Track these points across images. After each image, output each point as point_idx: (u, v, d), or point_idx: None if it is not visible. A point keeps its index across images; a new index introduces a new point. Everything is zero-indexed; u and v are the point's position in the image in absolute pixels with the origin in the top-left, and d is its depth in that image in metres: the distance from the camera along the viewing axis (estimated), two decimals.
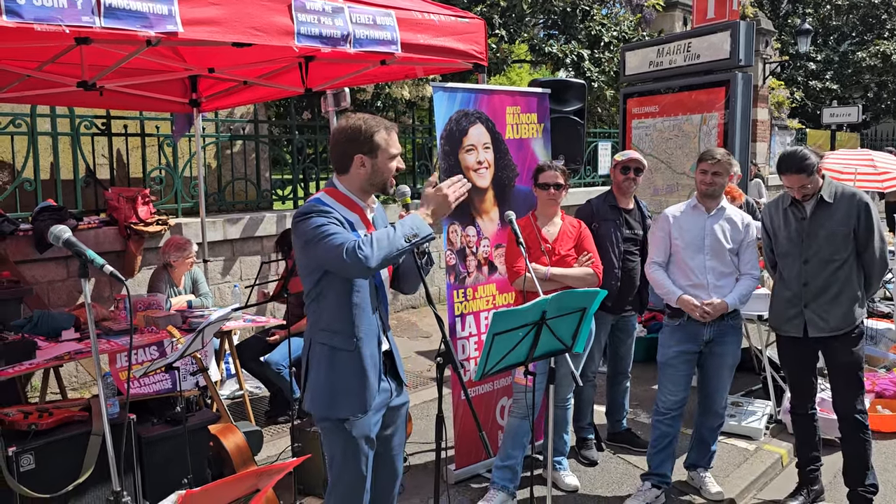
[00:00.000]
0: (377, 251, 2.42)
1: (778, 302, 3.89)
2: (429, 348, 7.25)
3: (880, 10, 25.09)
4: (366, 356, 2.64)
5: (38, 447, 3.17)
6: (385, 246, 2.43)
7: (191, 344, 3.44)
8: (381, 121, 2.70)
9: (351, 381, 2.63)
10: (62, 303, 5.83)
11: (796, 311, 3.78)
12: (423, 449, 4.73)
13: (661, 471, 4.06)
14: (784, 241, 3.82)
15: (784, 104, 17.29)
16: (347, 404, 2.63)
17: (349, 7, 3.69)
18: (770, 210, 3.94)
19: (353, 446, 2.65)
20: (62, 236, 2.48)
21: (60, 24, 2.73)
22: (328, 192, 2.71)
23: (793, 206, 3.79)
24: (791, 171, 3.62)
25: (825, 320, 3.72)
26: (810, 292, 3.71)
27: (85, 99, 5.35)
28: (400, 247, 2.45)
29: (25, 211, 6.00)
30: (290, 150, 8.62)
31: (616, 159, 4.53)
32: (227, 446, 3.90)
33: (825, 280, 3.69)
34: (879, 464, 4.47)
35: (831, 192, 3.70)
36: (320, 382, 2.66)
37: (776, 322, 3.94)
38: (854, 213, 3.65)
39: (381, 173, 2.67)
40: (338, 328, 2.63)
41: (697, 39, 6.38)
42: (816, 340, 3.80)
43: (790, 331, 3.84)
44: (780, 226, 3.84)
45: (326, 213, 2.55)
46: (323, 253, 2.49)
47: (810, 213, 3.72)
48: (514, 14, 11.38)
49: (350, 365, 2.63)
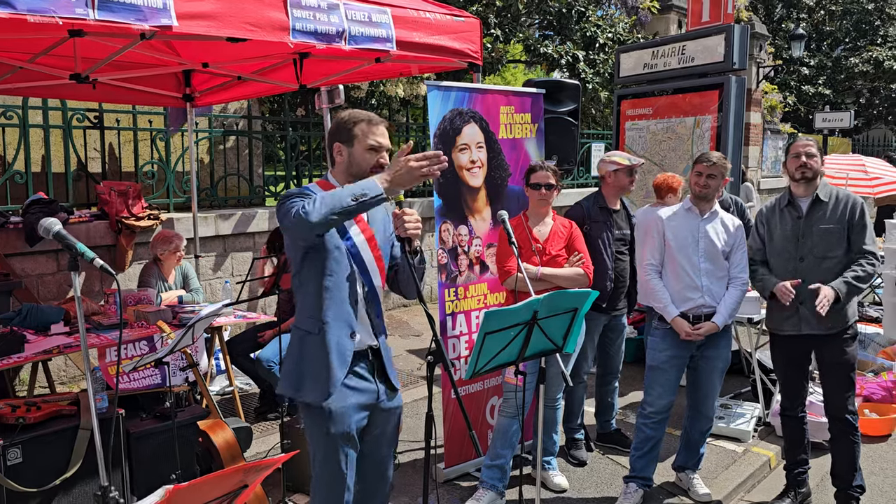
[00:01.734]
0: (319, 206, 2.39)
1: (775, 303, 3.91)
2: (420, 346, 7.26)
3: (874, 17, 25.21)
4: (331, 342, 2.62)
5: (25, 441, 3.15)
6: (328, 202, 2.39)
7: (181, 339, 3.43)
8: (370, 115, 2.70)
9: (314, 366, 2.64)
10: (52, 296, 5.81)
11: (792, 311, 3.82)
12: (413, 447, 4.73)
13: (644, 474, 4.07)
14: (780, 239, 3.86)
15: (777, 108, 17.35)
16: (310, 389, 2.65)
17: (345, 4, 3.68)
18: (766, 212, 3.98)
19: (331, 443, 2.65)
20: (52, 229, 2.46)
21: (54, 16, 2.71)
22: (319, 184, 2.74)
23: (789, 205, 3.86)
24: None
25: (819, 318, 3.74)
26: (805, 290, 3.74)
27: (77, 92, 5.33)
28: (346, 205, 2.38)
29: (16, 203, 5.97)
30: (283, 147, 8.60)
31: (621, 163, 4.44)
32: (216, 442, 3.89)
33: (820, 277, 3.73)
34: (867, 468, 4.50)
35: (827, 193, 3.80)
36: (290, 365, 2.72)
37: (773, 322, 3.97)
38: (848, 212, 3.74)
39: (357, 164, 2.66)
40: (310, 312, 2.66)
41: (692, 42, 6.40)
42: (811, 339, 3.83)
43: (787, 329, 3.88)
44: (776, 225, 3.89)
45: (305, 194, 2.55)
46: (282, 220, 2.52)
47: (806, 211, 3.79)
48: (510, 14, 11.39)
49: (314, 349, 2.64)
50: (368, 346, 2.73)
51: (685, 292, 3.90)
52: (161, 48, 4.80)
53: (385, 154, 2.69)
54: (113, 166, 7.17)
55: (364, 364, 2.72)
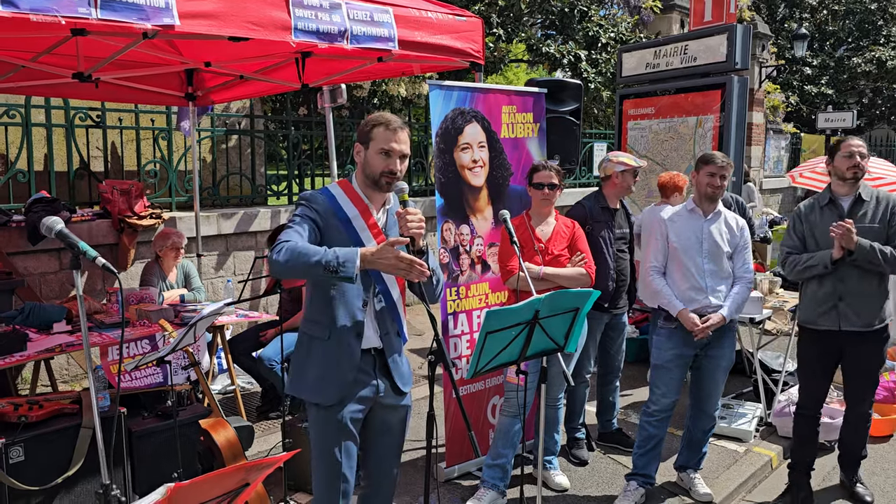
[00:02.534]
0: (284, 259, 2.43)
1: (810, 298, 3.95)
2: (421, 346, 7.25)
3: (876, 17, 25.17)
4: (341, 347, 2.67)
5: (27, 439, 3.16)
6: (295, 258, 2.43)
7: (183, 338, 3.44)
8: (391, 119, 2.68)
9: (324, 370, 2.69)
10: (54, 295, 5.81)
11: (830, 306, 3.86)
12: (414, 447, 4.73)
13: (646, 472, 4.07)
14: (821, 237, 3.88)
15: (779, 108, 17.34)
16: (320, 390, 2.69)
17: (347, 3, 3.69)
18: (804, 210, 4.00)
19: (327, 431, 2.71)
20: (55, 227, 2.47)
21: (57, 15, 2.71)
22: (340, 184, 2.77)
23: (830, 204, 3.89)
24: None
25: (858, 315, 3.83)
26: (845, 287, 3.80)
27: (80, 91, 5.34)
28: (310, 267, 2.42)
29: (18, 202, 5.98)
30: (285, 146, 8.60)
31: (628, 164, 4.43)
32: (217, 441, 3.89)
33: (860, 275, 3.78)
34: (868, 467, 4.50)
35: (868, 193, 3.86)
36: (298, 367, 2.77)
37: (809, 317, 3.98)
38: (889, 212, 3.79)
39: (370, 165, 2.68)
40: (316, 318, 2.71)
41: (694, 42, 6.40)
42: (849, 336, 3.87)
43: (824, 324, 3.91)
44: (816, 222, 3.91)
45: (309, 205, 2.65)
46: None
47: (848, 210, 3.83)
48: (512, 13, 11.38)
49: (324, 353, 2.69)
50: (373, 347, 2.75)
51: (689, 293, 3.90)
52: (163, 47, 4.81)
53: (397, 160, 2.66)
54: (115, 165, 7.18)
55: (366, 359, 2.75)
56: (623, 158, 4.48)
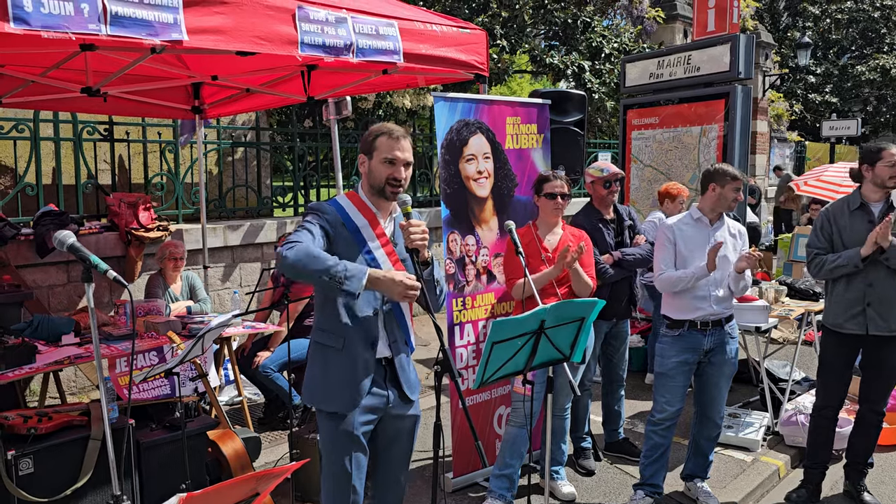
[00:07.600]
0: (295, 257, 2.45)
1: (838, 301, 3.99)
2: (427, 356, 7.26)
3: (880, 25, 25.21)
4: (352, 357, 2.70)
5: (37, 451, 3.18)
6: (305, 260, 2.44)
7: (191, 350, 3.46)
8: (393, 129, 2.74)
9: (337, 379, 2.72)
10: (62, 307, 5.85)
11: (858, 310, 3.89)
12: (421, 457, 4.73)
13: (654, 481, 4.07)
14: (850, 241, 3.91)
15: (783, 117, 17.35)
16: (334, 399, 2.72)
17: (352, 17, 3.72)
18: (832, 211, 4.02)
19: (337, 441, 2.73)
20: (67, 241, 2.50)
21: (67, 32, 2.74)
22: (348, 195, 2.81)
23: (861, 208, 3.92)
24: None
25: (885, 320, 3.86)
26: (874, 292, 3.83)
27: (88, 105, 5.39)
28: (317, 272, 2.44)
29: (27, 215, 6.02)
30: (291, 158, 8.65)
31: (594, 175, 4.47)
32: (225, 452, 3.91)
33: (889, 281, 3.82)
34: (875, 476, 4.49)
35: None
36: (312, 376, 2.79)
37: (835, 320, 4.01)
38: None
39: (374, 174, 2.72)
40: (327, 327, 2.74)
41: (697, 52, 6.43)
42: (875, 340, 3.91)
43: (852, 328, 3.94)
44: (846, 226, 3.94)
45: (319, 214, 2.68)
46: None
47: (879, 215, 3.85)
48: (516, 25, 11.45)
49: (339, 364, 2.72)
50: (383, 357, 2.78)
51: (694, 302, 3.91)
52: (171, 61, 4.85)
53: (401, 168, 2.70)
54: (122, 178, 7.22)
55: (377, 369, 2.77)
56: (590, 170, 4.52)
